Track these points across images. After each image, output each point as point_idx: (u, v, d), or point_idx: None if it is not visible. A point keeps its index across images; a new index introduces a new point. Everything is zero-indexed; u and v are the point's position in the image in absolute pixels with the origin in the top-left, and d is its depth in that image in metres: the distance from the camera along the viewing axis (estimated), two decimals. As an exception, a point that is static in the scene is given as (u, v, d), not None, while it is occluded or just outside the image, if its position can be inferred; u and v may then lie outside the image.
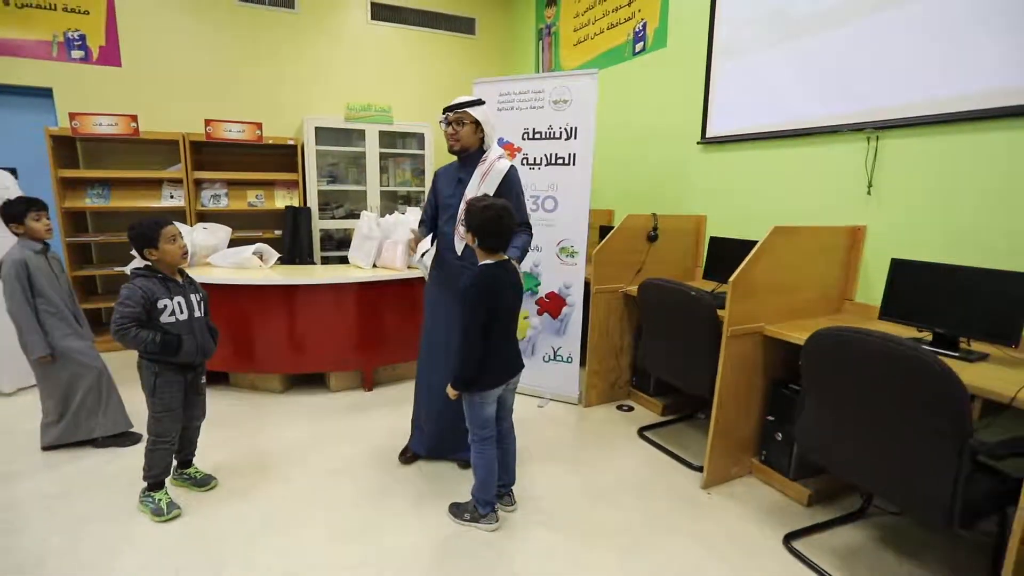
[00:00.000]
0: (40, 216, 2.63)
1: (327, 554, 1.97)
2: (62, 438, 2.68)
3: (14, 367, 3.31)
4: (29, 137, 4.22)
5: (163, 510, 2.15)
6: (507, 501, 2.25)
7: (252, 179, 4.72)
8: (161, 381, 2.12)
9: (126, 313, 1.99)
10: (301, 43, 4.97)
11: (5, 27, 4.16)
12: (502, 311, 2.00)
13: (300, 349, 3.42)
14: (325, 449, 2.77)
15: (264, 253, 3.71)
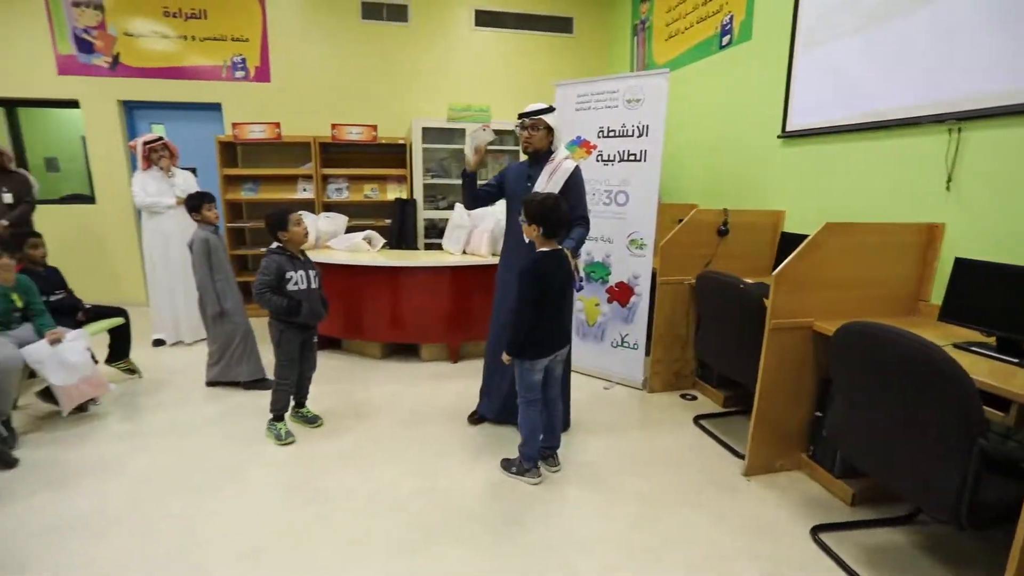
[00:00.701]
0: (211, 207, 3.40)
1: (396, 484, 2.43)
2: (218, 377, 3.46)
3: (194, 323, 4.24)
4: (204, 143, 5.24)
5: (282, 436, 2.77)
6: (551, 462, 2.55)
7: (368, 174, 5.41)
8: (284, 337, 2.72)
9: (264, 281, 2.60)
10: (412, 52, 5.56)
11: (190, 57, 5.20)
12: (550, 294, 2.29)
13: (398, 322, 3.97)
14: (409, 406, 3.26)
15: (372, 239, 4.32)
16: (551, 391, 2.50)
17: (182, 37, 5.19)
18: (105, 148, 5.30)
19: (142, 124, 5.41)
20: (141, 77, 5.20)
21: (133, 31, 5.12)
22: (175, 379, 3.68)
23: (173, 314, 4.36)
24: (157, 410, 3.21)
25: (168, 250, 4.25)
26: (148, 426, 3.01)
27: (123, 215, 5.41)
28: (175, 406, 3.26)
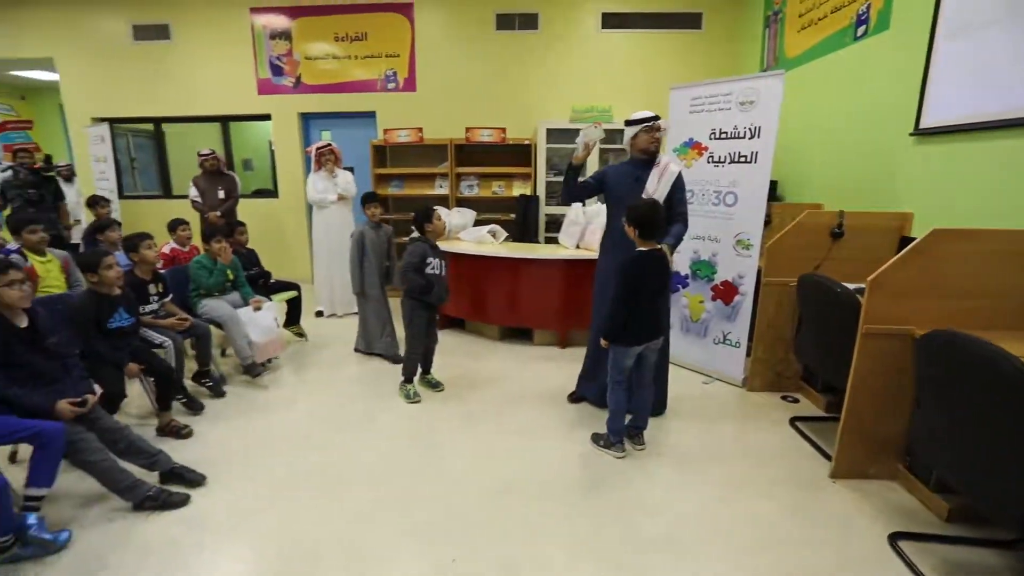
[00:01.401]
0: (370, 205, 4.03)
1: (497, 442, 2.87)
2: (362, 347, 4.17)
3: (346, 299, 5.10)
4: (361, 146, 6.14)
5: (411, 395, 3.36)
6: (637, 441, 2.80)
7: (496, 172, 5.93)
8: (415, 315, 3.30)
9: (411, 263, 3.19)
10: (540, 58, 5.94)
11: (353, 73, 6.11)
12: (644, 289, 2.54)
13: (514, 308, 4.42)
14: (518, 382, 3.69)
15: (496, 232, 4.80)
16: (643, 376, 2.74)
17: (347, 57, 6.12)
18: (287, 153, 6.45)
19: (314, 132, 6.48)
20: (315, 93, 6.23)
21: (311, 55, 6.15)
22: (331, 343, 4.50)
23: (330, 291, 5.26)
24: (318, 367, 4.00)
25: (330, 238, 5.12)
26: (312, 377, 3.80)
27: (298, 207, 6.54)
28: (331, 365, 4.04)
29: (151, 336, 3.05)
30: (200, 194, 5.20)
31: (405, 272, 3.21)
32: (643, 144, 2.92)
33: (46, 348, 2.29)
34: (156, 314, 3.20)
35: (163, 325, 3.14)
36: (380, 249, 4.04)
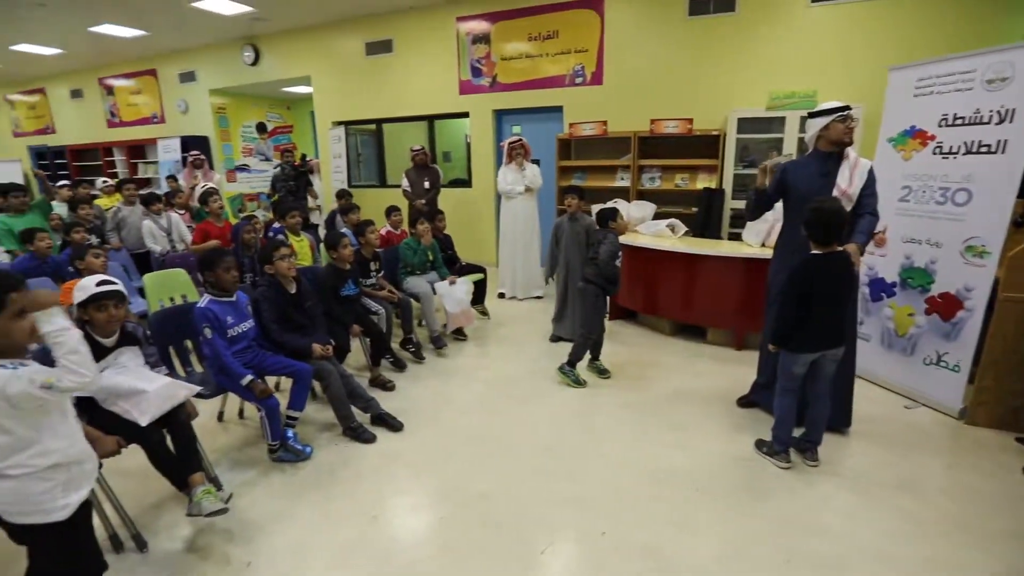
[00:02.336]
0: (569, 197, 4.28)
1: (659, 435, 2.92)
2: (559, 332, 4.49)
3: (527, 283, 5.52)
4: (547, 140, 6.48)
5: (578, 380, 3.57)
6: (809, 456, 2.62)
7: (679, 164, 5.78)
8: (598, 301, 3.53)
9: (612, 251, 3.40)
10: (734, 43, 5.57)
11: (543, 70, 6.45)
12: (818, 295, 2.37)
13: (689, 304, 4.34)
14: (685, 379, 3.66)
15: (675, 226, 4.73)
16: (818, 386, 2.55)
17: (539, 55, 6.47)
18: (482, 147, 7.09)
19: (506, 127, 7.00)
20: (508, 91, 6.72)
21: (507, 55, 6.64)
22: (510, 323, 4.92)
23: (513, 275, 5.70)
24: (498, 343, 4.43)
25: (515, 226, 5.55)
26: (492, 352, 4.24)
27: (488, 197, 7.15)
28: (509, 342, 4.44)
29: (369, 304, 3.72)
30: (410, 184, 6.04)
31: (609, 262, 3.41)
32: (837, 135, 2.66)
33: (305, 308, 2.98)
34: (374, 287, 3.88)
35: (379, 296, 3.80)
36: (578, 240, 4.24)
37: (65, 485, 1.49)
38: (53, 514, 1.46)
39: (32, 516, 1.45)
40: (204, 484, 2.19)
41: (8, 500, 1.43)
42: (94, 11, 6.96)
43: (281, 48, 8.16)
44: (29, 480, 1.42)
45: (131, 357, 2.22)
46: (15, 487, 1.41)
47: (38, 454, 1.43)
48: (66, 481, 1.49)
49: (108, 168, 10.56)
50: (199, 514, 2.10)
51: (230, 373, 2.49)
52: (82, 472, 1.56)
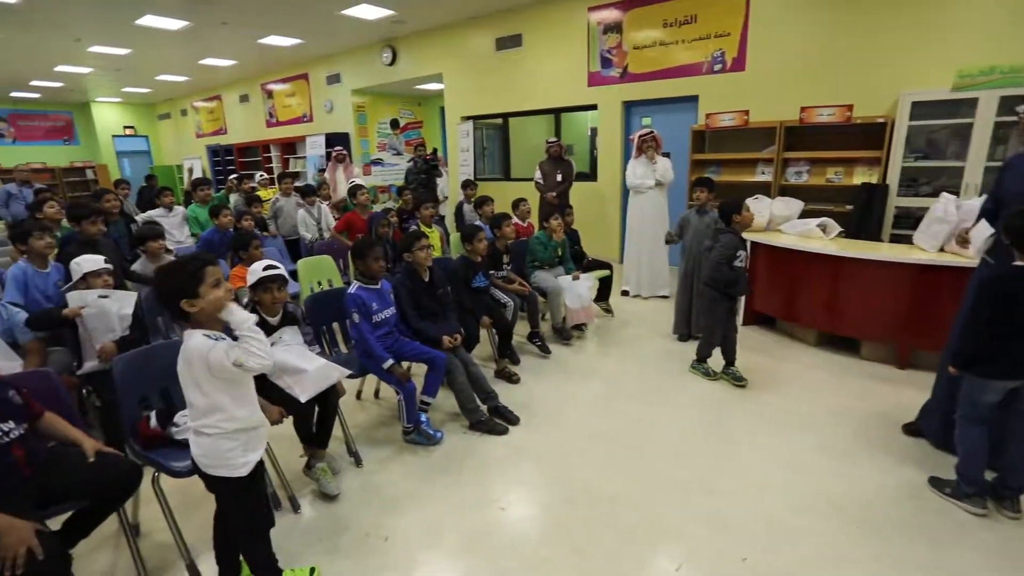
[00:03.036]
0: (699, 190, 4.05)
1: (807, 456, 2.63)
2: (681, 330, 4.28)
3: (653, 281, 5.31)
4: (679, 132, 6.13)
5: (709, 373, 3.43)
6: (1009, 506, 2.19)
7: (834, 157, 5.18)
8: (717, 306, 3.29)
9: (725, 255, 3.17)
10: (909, 12, 4.81)
11: (678, 58, 6.11)
12: (1017, 314, 1.96)
13: (838, 312, 3.87)
14: (834, 395, 3.27)
15: (827, 226, 4.23)
16: (1020, 424, 2.12)
17: (674, 42, 6.14)
18: (609, 139, 6.91)
19: (635, 119, 6.76)
20: (639, 81, 6.47)
21: (639, 44, 6.38)
22: (634, 321, 4.75)
23: (638, 272, 5.49)
24: (620, 342, 4.29)
25: (643, 222, 5.33)
26: (615, 351, 4.11)
27: (613, 191, 6.96)
28: (632, 341, 4.30)
29: (498, 296, 3.76)
30: (543, 176, 6.04)
31: (718, 265, 3.17)
32: None
33: (438, 296, 3.08)
34: (505, 279, 3.92)
35: (510, 289, 3.83)
36: (705, 235, 3.99)
37: (245, 445, 1.67)
38: (236, 470, 1.65)
39: (220, 469, 1.65)
40: (324, 461, 2.51)
41: (203, 454, 1.64)
42: (264, 26, 7.81)
43: (416, 48, 8.59)
44: (219, 439, 1.61)
45: (292, 335, 2.42)
46: (209, 443, 1.62)
47: (227, 419, 1.60)
48: (246, 442, 1.67)
49: (266, 163, 11.88)
50: (314, 481, 2.47)
51: (374, 356, 2.64)
52: (258, 436, 1.74)
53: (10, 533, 1.42)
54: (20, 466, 1.70)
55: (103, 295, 2.69)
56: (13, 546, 1.40)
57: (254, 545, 1.80)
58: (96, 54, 9.00)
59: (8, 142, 13.77)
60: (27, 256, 3.02)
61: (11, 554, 1.38)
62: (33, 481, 1.72)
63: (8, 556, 1.38)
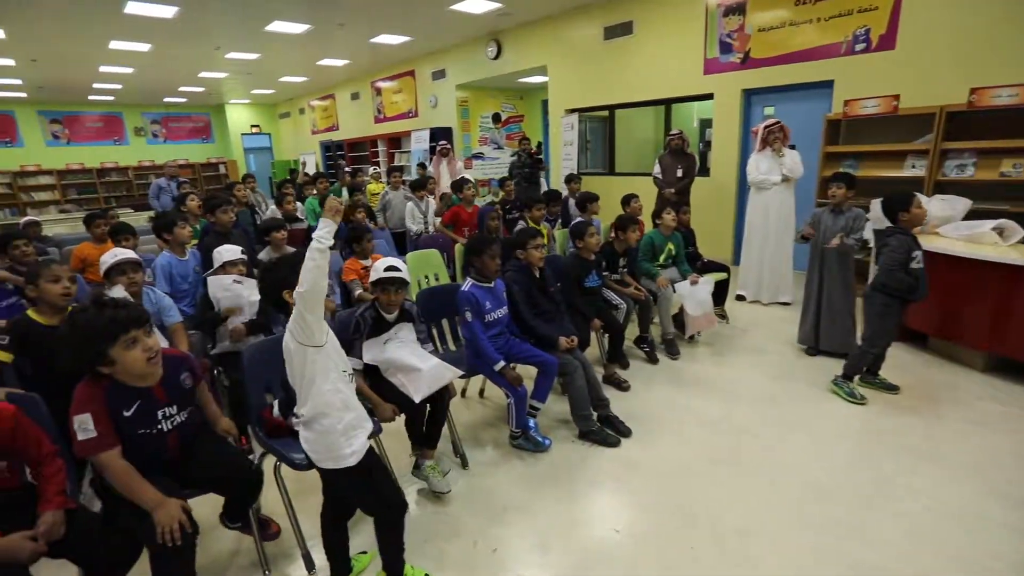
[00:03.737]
0: (835, 185, 3.54)
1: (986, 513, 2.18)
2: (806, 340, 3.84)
3: (774, 286, 4.86)
4: (809, 121, 5.53)
5: (855, 395, 3.04)
6: None
7: (1012, 147, 4.38)
8: (888, 311, 2.91)
9: (897, 259, 2.80)
10: None
11: (809, 39, 5.49)
12: None
13: (1019, 334, 3.25)
14: (1007, 434, 2.73)
15: (1006, 229, 3.56)
16: None
17: (807, 21, 5.52)
18: (725, 131, 6.40)
19: (755, 109, 6.20)
20: (763, 67, 5.91)
21: (765, 25, 5.82)
22: (752, 330, 4.34)
23: (758, 276, 5.03)
24: (738, 351, 3.92)
25: (767, 221, 4.86)
26: (733, 361, 3.77)
27: (727, 187, 6.46)
28: (752, 351, 3.92)
29: (611, 297, 3.56)
30: (662, 171, 5.71)
31: (891, 271, 2.76)
32: None
33: (551, 295, 2.94)
34: (619, 281, 3.71)
35: (624, 292, 3.61)
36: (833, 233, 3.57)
37: (346, 434, 1.69)
38: (344, 460, 1.68)
39: (328, 462, 1.70)
40: (432, 460, 2.47)
41: (311, 448, 1.71)
42: (376, 25, 8.10)
43: (521, 40, 8.50)
44: (324, 434, 1.67)
45: (407, 332, 2.39)
46: (314, 437, 1.68)
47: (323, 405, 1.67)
48: (345, 430, 1.69)
49: (373, 157, 12.43)
50: (423, 479, 2.44)
51: (485, 357, 2.55)
52: (359, 423, 1.75)
53: (163, 508, 1.52)
54: (171, 450, 1.78)
55: (237, 280, 2.85)
56: (165, 521, 1.49)
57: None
58: (231, 60, 9.84)
59: (160, 141, 15.56)
60: (169, 246, 3.28)
61: (166, 528, 1.48)
62: (177, 466, 1.80)
63: (165, 529, 1.48)
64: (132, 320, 1.55)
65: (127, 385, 1.60)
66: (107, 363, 1.53)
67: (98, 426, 1.54)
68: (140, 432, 1.65)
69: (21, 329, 2.05)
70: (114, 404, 1.59)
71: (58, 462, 1.64)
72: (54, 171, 13.59)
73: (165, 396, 1.71)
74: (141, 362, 1.56)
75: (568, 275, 3.26)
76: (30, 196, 13.34)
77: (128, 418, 1.62)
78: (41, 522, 1.48)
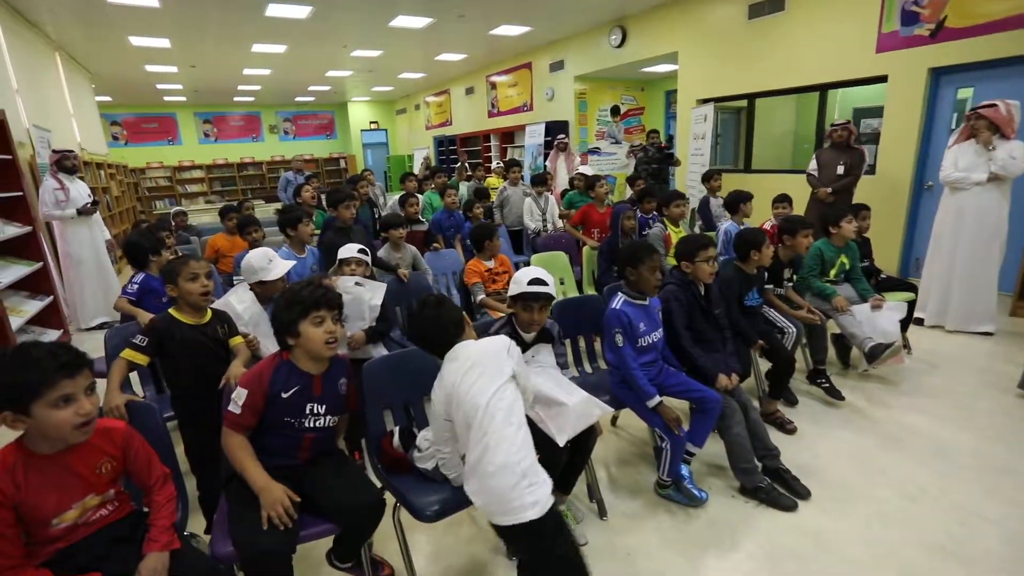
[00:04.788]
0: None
1: None
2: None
3: (964, 310, 3.98)
4: (1025, 105, 4.43)
5: None
6: None
7: None
8: None
9: None
10: None
11: None
12: None
13: None
14: None
15: None
16: None
17: (1030, -21, 4.41)
18: (900, 120, 5.37)
19: (946, 91, 5.13)
20: (963, 38, 4.83)
21: (968, -12, 4.76)
22: (947, 366, 3.50)
23: (943, 296, 4.10)
24: (935, 394, 3.13)
25: (960, 227, 3.94)
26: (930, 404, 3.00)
27: (899, 187, 5.43)
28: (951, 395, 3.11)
29: (775, 318, 2.96)
30: (818, 167, 4.90)
31: None
32: None
33: (714, 318, 2.43)
34: (783, 298, 3.10)
35: (792, 314, 2.99)
36: None
37: (525, 478, 1.44)
38: (524, 512, 1.41)
39: (505, 516, 1.43)
40: (565, 503, 2.15)
41: (484, 503, 1.47)
42: (496, 15, 7.88)
43: (649, 26, 7.86)
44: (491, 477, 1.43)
45: (546, 355, 2.03)
46: (480, 484, 1.44)
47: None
48: (524, 474, 1.43)
49: (485, 152, 12.35)
50: None
51: (637, 390, 2.12)
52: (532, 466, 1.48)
53: (268, 492, 1.52)
54: (303, 454, 1.72)
55: (359, 283, 2.65)
56: (271, 504, 1.50)
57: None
58: (356, 58, 10.16)
59: (290, 138, 16.73)
60: (291, 242, 3.18)
61: (273, 512, 1.49)
62: (301, 471, 1.69)
63: (273, 512, 1.49)
64: (326, 301, 1.64)
65: (296, 367, 1.66)
66: (294, 335, 1.62)
67: (246, 407, 1.59)
68: (286, 419, 1.65)
69: (161, 329, 1.94)
70: (276, 384, 1.63)
71: (169, 489, 1.48)
72: (204, 166, 15.15)
73: (321, 392, 1.70)
74: (321, 342, 1.62)
75: (728, 291, 2.72)
76: (184, 188, 14.95)
77: (284, 401, 1.63)
78: (143, 567, 1.30)
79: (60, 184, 4.81)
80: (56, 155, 4.88)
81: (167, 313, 1.99)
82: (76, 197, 4.89)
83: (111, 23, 7.03)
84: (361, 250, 2.72)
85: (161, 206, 14.12)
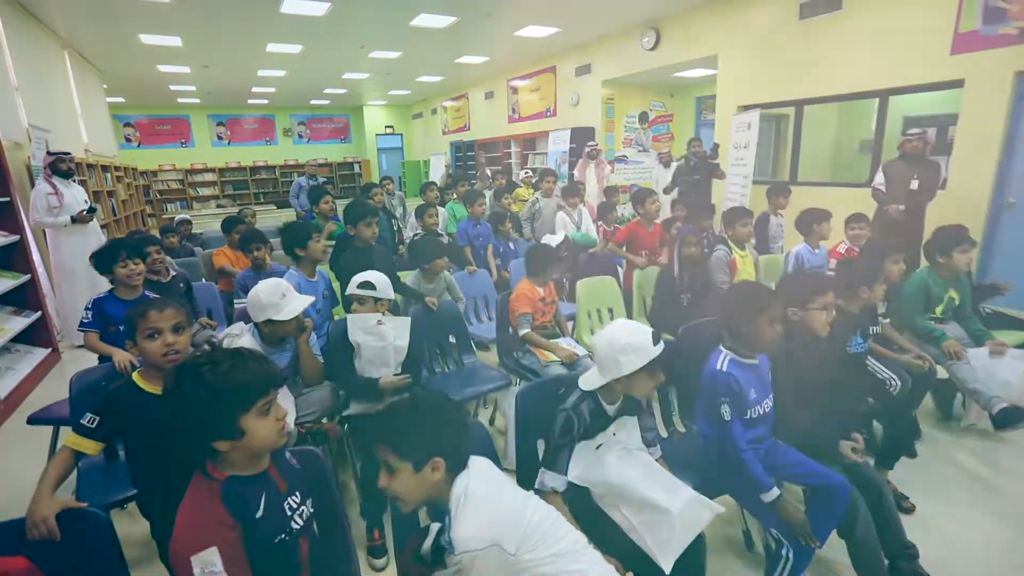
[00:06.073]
0: None
1: None
2: None
3: None
4: None
5: None
6: None
7: None
8: None
9: None
10: None
11: None
12: None
13: None
14: None
15: None
16: None
17: None
18: (980, 130, 4.82)
19: (1031, 97, 4.59)
20: (1056, 40, 4.30)
21: (1063, -17, 4.23)
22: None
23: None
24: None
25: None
26: None
27: (977, 205, 4.87)
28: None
29: (876, 369, 2.44)
30: (887, 182, 4.37)
31: None
32: None
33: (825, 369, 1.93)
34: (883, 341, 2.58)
35: (896, 359, 2.47)
36: None
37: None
38: None
39: None
40: None
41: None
42: (523, 15, 7.44)
43: (685, 28, 7.38)
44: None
45: (631, 431, 1.54)
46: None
47: None
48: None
49: (504, 158, 11.91)
50: None
51: (747, 477, 1.61)
52: None
53: None
54: (304, 563, 1.23)
55: (381, 322, 2.17)
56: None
57: None
58: (374, 59, 9.76)
59: (304, 141, 16.41)
60: (300, 263, 2.71)
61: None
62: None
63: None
64: (272, 378, 1.15)
65: (244, 476, 1.15)
66: (234, 435, 1.09)
67: (231, 566, 1.04)
68: (276, 541, 1.16)
69: (120, 406, 1.45)
70: (239, 510, 1.10)
71: None
72: (216, 169, 14.86)
73: (281, 480, 1.23)
74: (274, 432, 1.15)
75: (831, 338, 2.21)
76: (196, 191, 14.65)
77: (260, 522, 1.12)
78: None
79: (54, 189, 4.40)
80: (50, 157, 4.48)
81: (129, 383, 1.51)
82: (71, 203, 4.49)
83: (120, 19, 6.68)
84: (364, 284, 2.19)
85: (172, 209, 13.84)
